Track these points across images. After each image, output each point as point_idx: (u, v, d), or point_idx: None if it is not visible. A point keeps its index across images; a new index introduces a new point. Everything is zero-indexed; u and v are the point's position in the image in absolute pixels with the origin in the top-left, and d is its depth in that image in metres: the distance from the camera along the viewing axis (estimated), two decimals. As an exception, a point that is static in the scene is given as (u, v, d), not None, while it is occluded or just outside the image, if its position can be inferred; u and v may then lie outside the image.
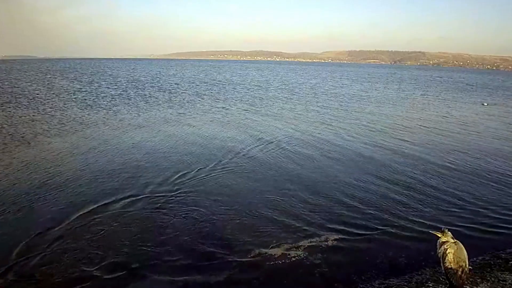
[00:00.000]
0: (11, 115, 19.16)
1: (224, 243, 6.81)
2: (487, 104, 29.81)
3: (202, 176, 10.40)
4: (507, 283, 5.52)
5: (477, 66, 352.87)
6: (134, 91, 32.87)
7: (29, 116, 18.99)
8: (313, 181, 10.16)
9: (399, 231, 7.37)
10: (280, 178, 10.38)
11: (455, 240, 4.95)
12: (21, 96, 27.30)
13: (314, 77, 67.93)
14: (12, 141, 13.77)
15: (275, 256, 6.34)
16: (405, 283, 5.69)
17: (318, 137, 15.69)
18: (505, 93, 44.29)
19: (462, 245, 4.93)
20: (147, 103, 25.23)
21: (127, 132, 15.88)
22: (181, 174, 10.47)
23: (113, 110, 21.80)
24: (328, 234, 7.14)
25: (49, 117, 18.92)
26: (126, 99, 27.04)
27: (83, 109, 21.87)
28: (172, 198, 8.82)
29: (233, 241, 6.87)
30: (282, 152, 13.10)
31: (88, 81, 43.54)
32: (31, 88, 33.67)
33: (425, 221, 7.78)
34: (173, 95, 30.53)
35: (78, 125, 17.11)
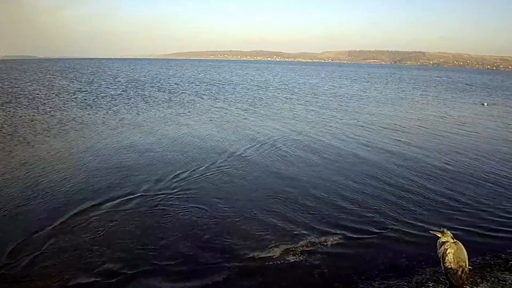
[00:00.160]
0: (11, 115, 19.15)
1: (223, 244, 6.78)
2: (487, 104, 29.80)
3: (201, 176, 10.39)
4: (507, 283, 5.52)
5: (477, 66, 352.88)
6: (134, 91, 32.86)
7: (29, 116, 18.98)
8: (311, 182, 10.12)
9: (399, 232, 7.35)
10: (278, 179, 10.35)
11: (455, 240, 4.95)
12: (21, 96, 27.29)
13: (314, 77, 67.94)
14: (12, 141, 13.76)
15: (274, 257, 6.31)
16: (405, 283, 5.68)
17: (317, 138, 15.68)
18: (505, 93, 44.31)
19: (462, 245, 4.93)
20: (147, 103, 25.23)
21: (126, 132, 15.88)
22: (179, 174, 10.47)
23: (113, 110, 21.79)
24: (327, 235, 7.11)
25: (49, 117, 18.91)
26: (126, 99, 27.03)
27: (83, 109, 21.86)
28: (170, 198, 8.81)
29: (232, 242, 6.85)
30: (281, 153, 13.08)
31: (88, 81, 43.54)
32: (31, 88, 33.66)
33: (424, 222, 7.76)
34: (173, 95, 30.52)
35: (78, 125, 17.10)
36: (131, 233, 7.12)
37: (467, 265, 4.87)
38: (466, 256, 4.87)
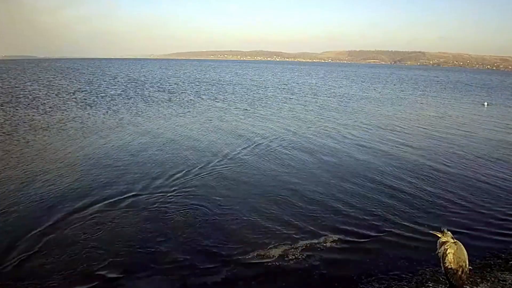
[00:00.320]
0: (11, 115, 19.13)
1: (221, 244, 6.75)
2: (487, 104, 29.78)
3: (199, 176, 10.37)
4: (507, 283, 5.50)
5: (477, 66, 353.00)
6: (134, 91, 32.85)
7: (29, 116, 18.97)
8: (310, 183, 10.08)
9: (398, 233, 7.31)
10: (277, 180, 10.31)
11: (455, 240, 4.93)
12: (21, 96, 27.27)
13: (313, 77, 67.95)
14: (11, 140, 13.75)
15: (273, 258, 6.28)
16: (405, 283, 5.67)
17: (316, 139, 15.66)
18: (505, 93, 44.29)
19: (462, 245, 4.91)
20: (146, 103, 25.21)
21: (126, 132, 15.86)
22: (178, 174, 10.45)
23: (112, 110, 21.78)
24: (327, 236, 7.08)
25: (49, 117, 18.90)
26: (126, 99, 27.02)
27: (83, 109, 21.84)
28: (168, 197, 8.79)
29: (231, 242, 6.82)
30: (280, 154, 13.06)
31: (88, 81, 43.53)
32: (31, 88, 33.64)
33: (424, 223, 7.72)
34: (173, 95, 30.50)
35: (77, 125, 17.09)
36: (128, 233, 7.09)
37: (467, 265, 4.86)
38: (466, 256, 4.85)
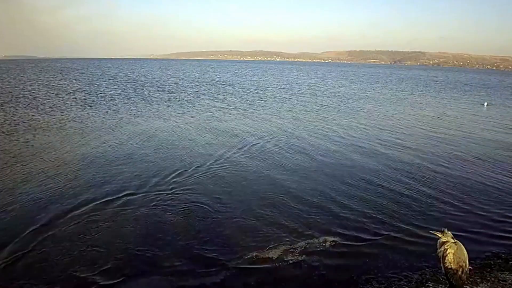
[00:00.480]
0: (11, 115, 19.12)
1: (221, 244, 6.75)
2: (487, 105, 29.76)
3: (198, 176, 10.36)
4: (507, 283, 5.49)
5: (477, 66, 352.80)
6: (133, 91, 32.84)
7: (29, 116, 18.95)
8: (309, 184, 10.04)
9: (397, 233, 7.30)
10: (276, 180, 10.29)
11: (455, 240, 4.92)
12: (21, 96, 27.26)
13: (313, 77, 67.94)
14: (11, 140, 13.73)
15: (273, 258, 6.27)
16: (405, 283, 5.66)
17: (315, 139, 15.65)
18: (504, 93, 44.25)
19: (462, 245, 4.90)
20: (146, 103, 25.20)
21: (125, 132, 15.84)
22: (177, 173, 10.46)
23: (112, 110, 21.76)
24: (326, 236, 7.07)
25: (48, 117, 18.89)
26: (125, 99, 27.00)
27: (82, 109, 21.84)
28: (169, 197, 8.79)
29: (230, 242, 6.81)
30: (279, 154, 13.04)
31: (88, 81, 43.51)
32: (31, 88, 33.62)
33: (423, 223, 7.70)
34: (172, 95, 30.49)
35: (77, 125, 17.08)
36: (125, 232, 7.09)
37: (467, 265, 4.85)
38: (466, 256, 4.84)
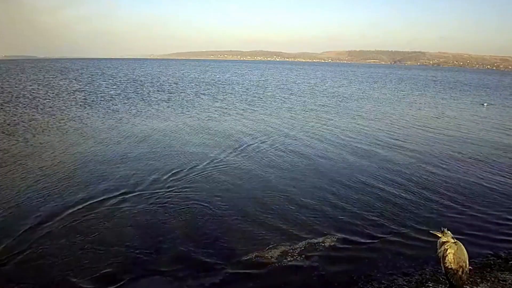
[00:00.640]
0: (11, 114, 19.11)
1: (220, 245, 6.72)
2: (487, 105, 29.75)
3: (197, 175, 10.35)
4: (507, 283, 5.48)
5: (477, 66, 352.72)
6: (133, 91, 32.83)
7: (29, 116, 18.96)
8: (308, 184, 10.01)
9: (397, 234, 7.28)
10: (276, 180, 10.26)
11: (455, 240, 4.91)
12: (21, 96, 27.26)
13: (313, 77, 67.94)
14: (10, 140, 13.72)
15: (272, 259, 6.26)
16: (405, 283, 5.65)
17: (315, 138, 15.64)
18: (503, 93, 44.23)
19: (462, 246, 4.89)
20: (146, 103, 25.19)
21: (125, 131, 15.83)
22: (176, 173, 10.45)
23: (112, 110, 21.76)
24: (325, 237, 7.05)
25: (48, 116, 18.88)
26: (125, 99, 26.99)
27: (82, 109, 21.84)
28: (166, 196, 8.78)
29: (229, 242, 6.79)
30: (279, 154, 13.03)
31: (88, 81, 43.51)
32: (31, 88, 33.63)
33: (422, 224, 7.68)
34: (172, 95, 30.48)
35: (77, 124, 17.08)
36: (123, 231, 7.08)
37: (467, 265, 4.84)
38: (466, 256, 4.83)
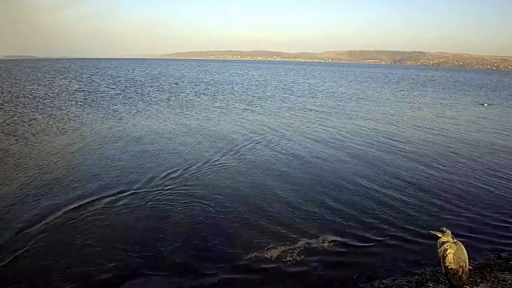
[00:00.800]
0: (11, 114, 19.10)
1: (220, 244, 6.71)
2: (487, 105, 29.74)
3: (196, 175, 10.35)
4: (507, 283, 5.48)
5: (477, 66, 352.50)
6: (133, 91, 32.82)
7: (29, 116, 18.95)
8: (308, 185, 9.97)
9: (397, 234, 7.27)
10: (275, 180, 10.23)
11: (456, 240, 4.90)
12: (21, 96, 27.25)
13: (313, 77, 67.93)
14: (10, 140, 13.71)
15: (271, 259, 6.24)
16: (405, 283, 5.64)
17: (313, 139, 15.59)
18: (503, 93, 44.21)
19: (463, 245, 4.89)
20: (146, 103, 25.18)
21: (124, 131, 15.83)
22: (175, 172, 10.44)
23: (112, 110, 21.75)
24: (324, 238, 7.02)
25: (48, 116, 18.88)
26: (125, 99, 26.98)
27: (82, 109, 21.83)
28: (168, 196, 8.77)
29: (229, 242, 6.78)
30: (278, 154, 13.00)
31: (88, 81, 43.49)
32: (31, 88, 33.62)
33: (422, 224, 7.67)
34: (172, 95, 30.48)
35: (77, 124, 17.07)
36: (124, 231, 7.07)
37: (467, 265, 4.83)
38: (467, 256, 4.83)
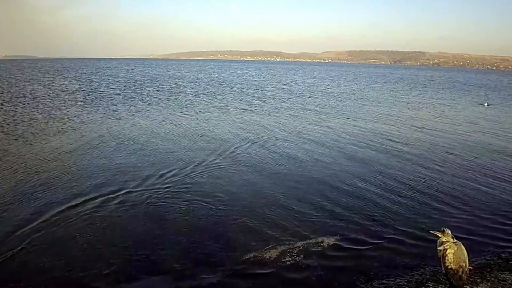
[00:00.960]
0: (11, 114, 19.10)
1: (219, 245, 6.70)
2: (487, 105, 29.73)
3: (195, 175, 10.34)
4: (507, 283, 5.47)
5: (477, 66, 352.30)
6: (133, 91, 32.83)
7: (29, 115, 18.95)
8: (307, 186, 9.94)
9: (397, 234, 7.26)
10: (275, 181, 10.22)
11: (455, 240, 4.90)
12: (21, 96, 27.26)
13: (313, 77, 67.93)
14: (9, 139, 13.71)
15: (271, 259, 6.23)
16: (405, 283, 5.63)
17: (312, 139, 15.54)
18: (503, 93, 44.19)
19: (462, 245, 4.88)
20: (145, 103, 25.18)
21: (124, 131, 15.83)
22: (173, 172, 10.45)
23: (112, 109, 21.75)
24: (325, 237, 7.01)
25: (48, 116, 18.88)
26: (125, 99, 26.98)
27: (82, 108, 21.83)
28: (166, 196, 8.77)
29: (229, 243, 6.77)
30: (278, 154, 12.99)
31: (88, 81, 43.49)
32: (31, 88, 33.63)
33: (422, 224, 7.66)
34: (171, 95, 30.48)
35: (76, 124, 17.07)
36: (121, 231, 7.08)
37: (467, 265, 4.83)
38: (466, 256, 4.83)
